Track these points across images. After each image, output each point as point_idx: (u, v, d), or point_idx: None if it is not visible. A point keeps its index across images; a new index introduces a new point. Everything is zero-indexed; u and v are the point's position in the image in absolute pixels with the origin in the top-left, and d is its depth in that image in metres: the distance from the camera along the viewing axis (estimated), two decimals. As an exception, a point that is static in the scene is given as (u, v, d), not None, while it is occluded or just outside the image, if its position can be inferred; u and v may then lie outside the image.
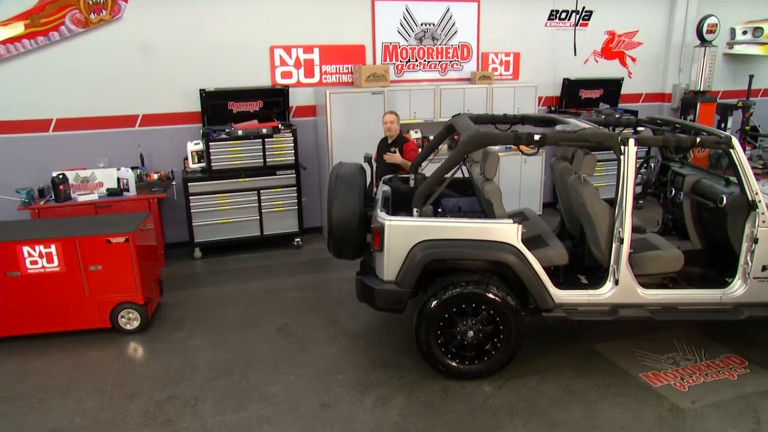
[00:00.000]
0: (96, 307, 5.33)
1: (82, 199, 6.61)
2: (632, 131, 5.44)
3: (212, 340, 5.32)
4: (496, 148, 5.62)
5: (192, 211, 7.13)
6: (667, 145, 4.61)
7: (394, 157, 6.18)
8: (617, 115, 8.22)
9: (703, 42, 9.44)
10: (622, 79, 9.42)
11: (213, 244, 7.33)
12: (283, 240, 7.61)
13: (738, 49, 9.97)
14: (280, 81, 7.70)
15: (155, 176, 7.07)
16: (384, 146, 6.39)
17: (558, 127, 4.68)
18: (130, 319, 5.43)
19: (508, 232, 4.42)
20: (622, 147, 4.41)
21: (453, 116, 5.54)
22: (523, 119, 5.65)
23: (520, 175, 8.47)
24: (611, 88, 9.38)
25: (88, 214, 6.45)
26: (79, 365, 4.93)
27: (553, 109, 9.17)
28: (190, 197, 7.09)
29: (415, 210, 4.48)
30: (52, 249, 5.12)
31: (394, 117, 6.28)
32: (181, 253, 7.39)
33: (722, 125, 9.55)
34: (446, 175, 4.55)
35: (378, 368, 4.82)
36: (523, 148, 4.71)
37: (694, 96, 9.56)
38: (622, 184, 4.43)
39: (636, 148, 4.41)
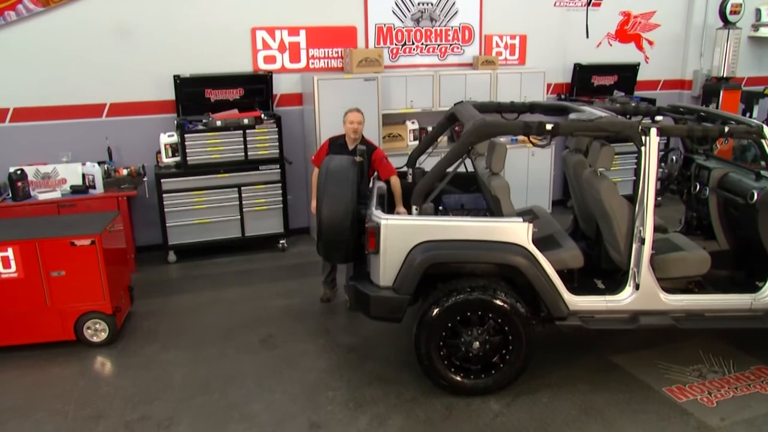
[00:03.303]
0: (58, 318, 5.29)
1: (42, 197, 6.56)
2: (650, 121, 5.41)
3: (188, 353, 5.28)
4: (503, 139, 5.59)
5: (165, 210, 7.09)
6: (691, 135, 4.59)
7: (401, 208, 5.43)
8: (633, 104, 8.23)
9: (727, 24, 9.42)
10: (638, 64, 9.41)
11: (189, 246, 7.30)
12: (266, 242, 7.59)
13: (764, 32, 9.97)
14: (263, 66, 7.66)
15: (124, 172, 7.00)
16: (341, 152, 5.59)
17: (572, 116, 4.65)
18: (97, 331, 5.39)
19: (518, 232, 4.39)
20: (643, 137, 4.39)
21: (455, 104, 5.52)
22: (532, 107, 5.66)
23: (527, 170, 8.46)
24: (626, 74, 9.36)
25: (50, 213, 6.40)
26: (39, 383, 4.87)
27: (563, 97, 9.16)
28: (164, 195, 7.04)
29: (414, 208, 4.46)
30: (9, 252, 5.07)
31: (361, 116, 5.78)
32: (154, 257, 7.36)
33: (747, 115, 9.54)
34: (448, 170, 4.53)
35: (373, 384, 4.78)
36: (532, 139, 4.68)
37: (717, 83, 9.55)
38: (643, 179, 4.42)
39: (658, 138, 4.39)
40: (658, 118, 5.65)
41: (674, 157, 5.81)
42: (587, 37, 8.52)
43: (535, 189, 8.49)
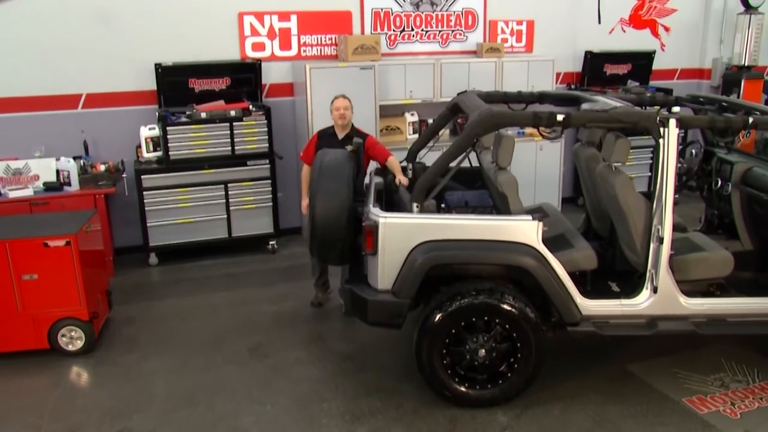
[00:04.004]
0: (31, 325, 5.27)
1: (13, 195, 6.53)
2: (667, 111, 5.42)
3: (171, 362, 5.27)
4: (510, 131, 5.59)
5: (146, 209, 7.07)
6: (713, 127, 4.60)
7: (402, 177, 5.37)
8: (649, 94, 8.24)
9: (748, 8, 9.43)
10: (654, 52, 9.43)
11: (172, 248, 7.29)
12: (255, 243, 7.59)
13: (789, 17, 9.97)
14: (251, 54, 7.65)
15: (102, 167, 7.00)
16: (332, 144, 5.70)
17: (584, 106, 4.65)
18: (73, 339, 5.38)
19: (527, 231, 4.38)
20: (662, 129, 4.38)
21: (458, 94, 5.52)
22: (542, 97, 5.67)
23: (535, 165, 8.46)
24: (641, 62, 9.37)
25: (22, 212, 6.38)
26: (10, 394, 4.85)
27: (573, 87, 9.17)
28: (144, 192, 7.03)
29: (414, 205, 4.45)
30: (-23, 254, 5.06)
31: (348, 102, 5.85)
32: (134, 259, 7.36)
33: (770, 106, 9.56)
34: (451, 164, 4.52)
35: (371, 395, 4.77)
36: (542, 131, 4.68)
37: (738, 72, 9.56)
38: (661, 174, 4.41)
39: (678, 130, 4.38)
40: (676, 109, 5.65)
41: (694, 151, 5.81)
42: (599, 22, 8.53)
43: (544, 185, 8.48)
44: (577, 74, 9.24)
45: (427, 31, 8.34)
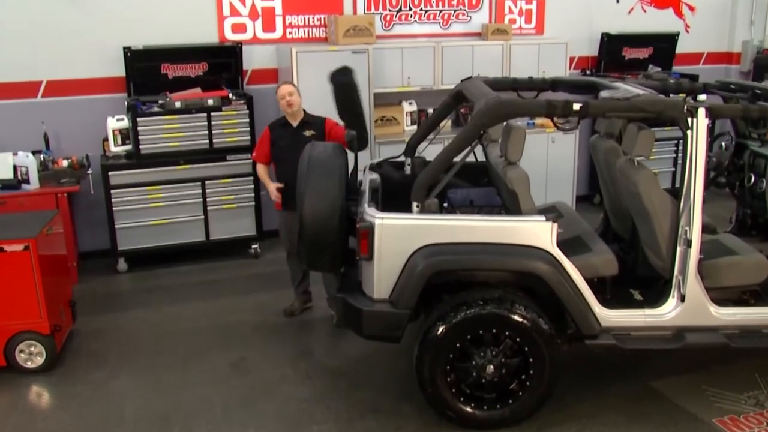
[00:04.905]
0: (-15, 339, 5.27)
1: (-35, 194, 6.54)
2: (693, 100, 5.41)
3: (143, 381, 5.26)
4: (521, 122, 5.58)
5: (114, 209, 7.07)
6: (747, 117, 4.61)
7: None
8: (673, 80, 8.22)
9: (782, -14, 9.47)
10: (678, 34, 9.45)
11: (143, 252, 7.29)
12: (235, 247, 7.62)
13: (826, -4, 10.01)
14: (231, 37, 7.67)
15: (65, 163, 6.96)
16: (287, 134, 5.92)
17: (603, 94, 4.64)
18: (32, 354, 5.37)
19: (540, 233, 4.37)
20: (690, 119, 4.36)
21: (462, 81, 5.51)
22: (555, 84, 5.70)
23: (546, 160, 8.48)
24: (663, 45, 9.40)
25: (-26, 214, 6.36)
26: (-37, 417, 4.84)
27: (588, 72, 9.20)
28: (112, 191, 7.03)
29: (414, 205, 4.43)
30: (-75, 261, 5.07)
31: (294, 87, 5.94)
32: (101, 265, 7.36)
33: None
34: (455, 159, 4.51)
35: (366, 416, 4.77)
36: (556, 121, 4.68)
37: (770, 56, 9.59)
38: (689, 169, 4.41)
39: (707, 120, 4.36)
40: (701, 97, 5.64)
41: (724, 144, 5.82)
42: (617, 1, 8.52)
43: (556, 182, 8.49)
44: (592, 59, 9.26)
45: (426, 11, 8.35)
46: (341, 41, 7.51)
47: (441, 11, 8.39)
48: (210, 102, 7.11)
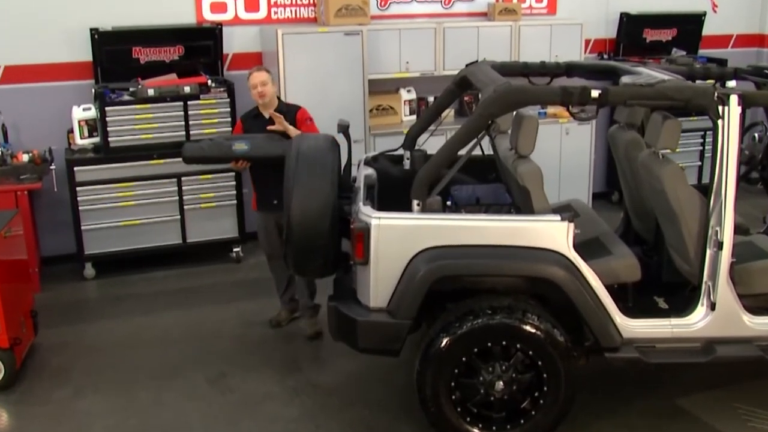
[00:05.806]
0: (-63, 354, 5.27)
1: None
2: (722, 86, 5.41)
3: (112, 399, 5.26)
4: (532, 111, 5.57)
5: (80, 208, 7.08)
6: (784, 105, 4.56)
7: (281, 122, 5.73)
8: (699, 65, 8.22)
9: (819, -40, 9.49)
10: (704, 14, 9.47)
11: (112, 257, 7.30)
12: (215, 250, 7.64)
13: None
14: (210, 17, 7.69)
15: (25, 157, 6.97)
16: (260, 126, 5.95)
17: (624, 79, 4.63)
18: None
19: (554, 235, 4.37)
20: (721, 108, 4.35)
21: (467, 65, 5.51)
22: (570, 69, 5.67)
23: (559, 153, 8.51)
24: (688, 26, 9.43)
25: (-76, 214, 6.35)
26: None
27: (605, 56, 9.21)
28: (78, 188, 7.04)
29: (415, 203, 4.43)
30: None
31: (267, 75, 5.92)
32: (66, 270, 7.37)
33: None
34: (460, 152, 4.51)
35: (361, 438, 4.78)
36: (572, 110, 4.67)
37: (806, 38, 9.63)
38: (720, 163, 4.40)
39: (740, 109, 4.35)
40: (732, 83, 5.64)
41: (757, 135, 5.83)
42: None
43: (571, 178, 8.51)
44: (610, 41, 9.28)
45: (426, -11, 8.38)
46: (332, 22, 7.51)
47: (443, -11, 8.44)
48: (186, 89, 7.12)
